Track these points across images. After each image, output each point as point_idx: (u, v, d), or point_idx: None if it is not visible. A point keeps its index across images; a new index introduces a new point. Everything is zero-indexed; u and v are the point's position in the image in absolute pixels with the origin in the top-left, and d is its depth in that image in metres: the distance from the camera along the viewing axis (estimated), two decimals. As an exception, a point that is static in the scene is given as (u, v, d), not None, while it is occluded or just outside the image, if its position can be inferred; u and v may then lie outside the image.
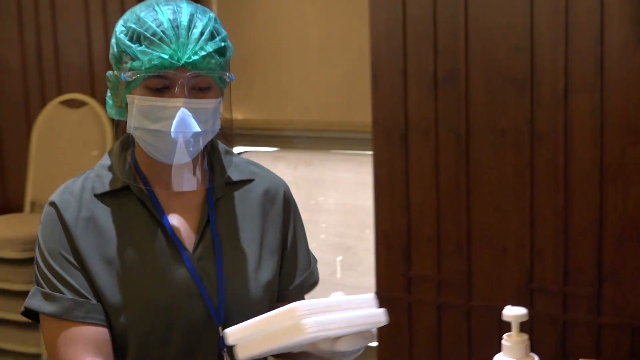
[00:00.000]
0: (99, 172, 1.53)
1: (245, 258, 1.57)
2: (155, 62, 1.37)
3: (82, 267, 1.46)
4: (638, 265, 2.82)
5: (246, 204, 1.60)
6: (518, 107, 2.94)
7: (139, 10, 1.44)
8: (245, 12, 3.77)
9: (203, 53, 1.40)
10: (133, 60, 1.39)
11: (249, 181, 1.61)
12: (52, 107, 3.91)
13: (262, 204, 1.62)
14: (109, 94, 1.52)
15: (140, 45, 1.39)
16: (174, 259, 1.50)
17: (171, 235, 1.50)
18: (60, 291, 1.44)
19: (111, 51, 1.47)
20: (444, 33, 3.04)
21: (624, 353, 2.84)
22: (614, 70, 2.79)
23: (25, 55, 4.06)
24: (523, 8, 2.89)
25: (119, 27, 1.44)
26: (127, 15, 1.46)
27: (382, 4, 3.11)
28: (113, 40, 1.46)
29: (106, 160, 1.56)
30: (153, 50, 1.38)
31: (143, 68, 1.38)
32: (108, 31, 3.74)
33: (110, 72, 1.48)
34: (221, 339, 1.49)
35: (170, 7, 1.43)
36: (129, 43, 1.40)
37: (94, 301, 1.45)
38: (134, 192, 1.50)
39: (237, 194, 1.60)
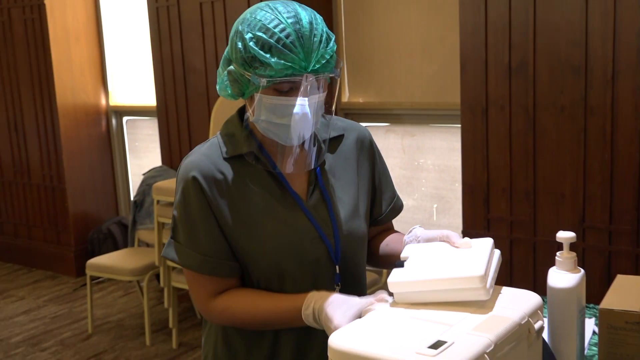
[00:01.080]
0: (224, 140, 1.42)
1: (349, 201, 1.49)
2: (287, 71, 1.28)
3: (217, 222, 1.38)
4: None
5: (342, 154, 1.51)
6: (574, 88, 2.91)
7: (261, 16, 1.30)
8: (365, 18, 3.76)
9: (324, 61, 1.31)
10: (264, 66, 1.28)
11: (341, 136, 1.52)
12: (223, 98, 4.01)
13: (354, 151, 1.54)
14: (223, 79, 1.38)
15: (272, 55, 1.27)
16: (294, 209, 1.41)
17: (290, 190, 1.42)
18: (189, 247, 1.39)
19: (236, 53, 1.32)
20: (516, 32, 3.01)
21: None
22: (652, 57, 2.75)
23: (206, 59, 4.08)
24: (579, 10, 2.84)
25: (247, 34, 1.29)
26: (250, 19, 1.32)
27: (469, 10, 3.08)
28: (240, 44, 1.31)
29: (227, 129, 1.45)
30: (284, 60, 1.27)
31: (276, 75, 1.27)
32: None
33: (232, 68, 1.34)
34: (336, 275, 1.44)
35: (289, 12, 1.30)
36: (261, 52, 1.27)
37: (217, 260, 1.39)
38: (257, 157, 1.40)
39: (334, 148, 1.50)
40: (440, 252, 1.32)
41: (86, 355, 3.75)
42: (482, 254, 1.25)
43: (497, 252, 1.30)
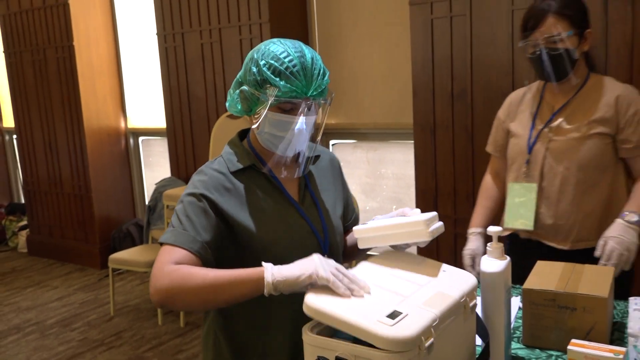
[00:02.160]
0: (228, 157, 1.40)
1: (331, 204, 1.50)
2: (291, 94, 1.29)
3: (221, 214, 1.32)
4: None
5: (321, 168, 1.53)
6: None
7: (273, 48, 1.32)
8: (336, 53, 3.76)
9: (320, 89, 1.33)
10: (273, 88, 1.29)
11: (318, 156, 1.53)
12: (222, 120, 3.93)
13: (329, 169, 1.56)
14: (234, 97, 1.39)
15: (281, 79, 1.28)
16: (291, 209, 1.41)
17: (286, 194, 1.41)
18: (185, 229, 1.28)
19: (251, 76, 1.33)
20: (457, 66, 3.02)
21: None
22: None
23: (206, 89, 4.10)
24: (506, 48, 2.86)
25: (262, 61, 1.31)
26: (264, 50, 1.33)
27: (419, 48, 3.09)
28: (255, 69, 1.32)
29: (227, 148, 1.43)
30: (290, 84, 1.29)
31: (282, 96, 1.29)
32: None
33: (245, 88, 1.34)
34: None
35: (296, 48, 1.32)
36: (272, 76, 1.29)
37: (207, 242, 1.29)
38: (257, 168, 1.40)
39: (315, 165, 1.52)
40: (395, 218, 1.36)
41: (109, 334, 3.71)
42: (427, 214, 1.29)
43: (441, 223, 1.31)
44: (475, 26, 2.96)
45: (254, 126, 1.37)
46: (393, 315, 1.01)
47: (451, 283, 1.17)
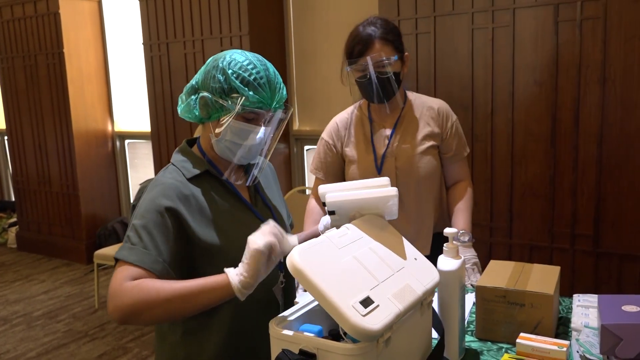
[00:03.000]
0: (182, 165, 1.31)
1: (279, 206, 1.48)
2: (258, 104, 1.25)
3: (182, 228, 1.22)
4: (532, 211, 2.83)
5: (264, 177, 1.49)
6: (464, 121, 2.89)
7: (239, 58, 1.27)
8: (311, 68, 3.75)
9: (282, 101, 1.30)
10: (240, 97, 1.24)
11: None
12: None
13: (270, 176, 1.53)
14: (191, 103, 1.30)
15: (249, 89, 1.23)
16: (247, 212, 1.36)
17: (242, 199, 1.36)
18: (144, 247, 1.17)
19: (216, 83, 1.25)
20: (422, 79, 3.01)
21: (537, 260, 2.92)
22: (520, 99, 2.79)
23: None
24: (467, 64, 2.89)
25: (229, 70, 1.25)
26: (229, 59, 1.27)
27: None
28: (221, 77, 1.25)
29: (179, 156, 1.34)
30: (257, 95, 1.24)
31: (249, 105, 1.24)
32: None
33: (207, 95, 1.26)
34: (280, 264, 1.34)
35: (260, 60, 1.29)
36: (241, 85, 1.24)
37: (168, 263, 1.19)
38: (211, 174, 1.32)
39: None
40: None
41: (93, 326, 3.64)
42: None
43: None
44: (438, 43, 2.98)
45: (217, 130, 1.27)
46: (366, 302, 0.97)
47: (419, 276, 1.14)
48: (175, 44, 4.10)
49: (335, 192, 1.23)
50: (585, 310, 1.43)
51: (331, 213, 1.24)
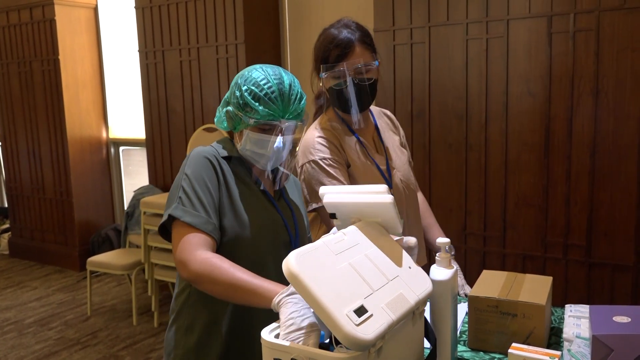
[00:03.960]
0: (217, 146, 1.42)
1: (299, 207, 1.53)
2: (269, 117, 1.33)
3: (219, 182, 1.34)
4: (526, 220, 2.84)
5: (290, 188, 1.53)
6: (459, 130, 2.95)
7: (255, 75, 1.36)
8: (307, 73, 3.86)
9: (297, 112, 1.36)
10: (253, 111, 1.33)
11: (288, 175, 1.51)
12: (198, 132, 3.94)
13: (295, 189, 1.56)
14: (222, 115, 1.42)
15: (260, 104, 1.32)
16: (268, 204, 1.42)
17: (267, 192, 1.43)
18: (197, 209, 1.29)
19: (235, 99, 1.37)
20: (417, 88, 3.05)
21: (512, 268, 2.92)
22: (514, 109, 2.81)
23: (184, 103, 4.07)
24: (462, 74, 2.91)
25: (244, 87, 1.35)
26: (247, 76, 1.37)
27: (382, 71, 2.98)
28: (238, 93, 1.36)
29: (221, 143, 1.44)
30: (267, 109, 1.32)
31: (260, 119, 1.32)
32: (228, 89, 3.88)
33: (230, 109, 1.38)
34: None
35: (276, 75, 1.36)
36: (252, 100, 1.33)
37: (216, 223, 1.31)
38: (243, 163, 1.42)
39: (286, 183, 1.51)
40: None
41: (85, 333, 3.62)
42: None
43: None
44: (433, 53, 3.00)
45: (238, 142, 1.41)
46: (360, 311, 0.97)
47: (412, 285, 1.14)
48: (171, 52, 4.11)
49: (332, 194, 1.23)
50: (577, 321, 1.43)
51: (332, 216, 1.26)
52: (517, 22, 2.76)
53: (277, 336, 1.04)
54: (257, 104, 1.33)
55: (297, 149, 1.46)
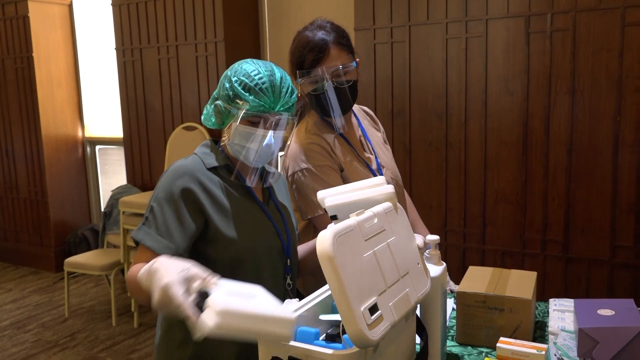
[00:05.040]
0: (203, 155, 1.35)
1: (287, 207, 1.49)
2: (260, 108, 1.28)
3: (198, 209, 1.27)
4: (504, 217, 2.89)
5: (277, 186, 1.50)
6: (438, 129, 2.99)
7: (246, 67, 1.32)
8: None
9: (287, 106, 1.32)
10: (243, 102, 1.28)
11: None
12: (178, 131, 3.91)
13: (283, 187, 1.53)
14: (209, 111, 1.38)
15: (250, 94, 1.28)
16: (259, 211, 1.37)
17: (256, 198, 1.38)
18: (160, 233, 1.24)
19: (224, 91, 1.32)
20: (397, 87, 3.07)
21: (492, 263, 2.96)
22: (492, 108, 2.86)
23: (163, 101, 4.04)
24: (442, 73, 2.94)
25: (234, 78, 1.31)
26: (237, 68, 1.33)
27: (362, 69, 3.09)
28: (227, 84, 1.31)
29: (203, 149, 1.38)
30: (258, 99, 1.28)
31: (251, 110, 1.28)
32: (209, 87, 3.81)
33: (219, 103, 1.33)
34: (287, 267, 1.40)
35: (267, 67, 1.32)
36: (242, 91, 1.28)
37: (181, 246, 1.24)
38: (230, 169, 1.35)
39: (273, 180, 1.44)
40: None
41: (63, 335, 3.55)
42: None
43: None
44: (413, 52, 3.02)
45: (224, 138, 1.36)
46: (373, 310, 0.96)
47: (416, 285, 1.13)
48: (149, 50, 4.06)
49: (333, 196, 1.19)
50: (562, 315, 1.46)
51: (333, 218, 1.21)
52: (496, 22, 2.81)
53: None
54: (247, 94, 1.28)
55: (285, 151, 1.40)
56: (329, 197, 1.20)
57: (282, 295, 1.37)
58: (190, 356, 1.32)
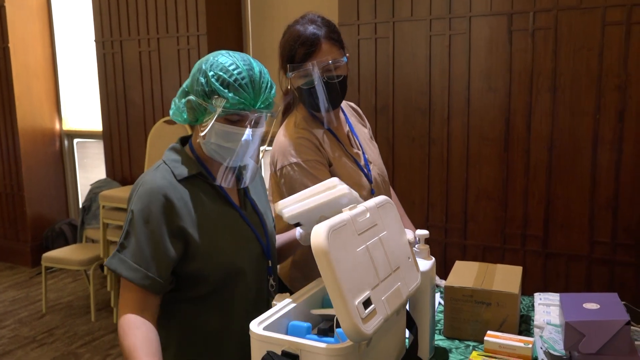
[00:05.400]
0: (173, 164, 1.27)
1: (264, 210, 1.43)
2: (239, 106, 1.21)
3: (175, 229, 1.21)
4: (485, 213, 2.92)
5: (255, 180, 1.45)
6: (422, 125, 3.00)
7: (222, 60, 1.24)
8: (269, 66, 3.83)
9: (268, 102, 1.25)
10: (221, 99, 1.21)
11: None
12: (159, 125, 3.85)
13: (258, 179, 1.48)
14: (180, 106, 1.28)
15: (229, 91, 1.20)
16: (236, 217, 1.32)
17: (232, 202, 1.32)
18: (136, 260, 1.19)
19: (199, 86, 1.23)
20: (381, 83, 3.07)
21: (472, 258, 3.00)
22: (475, 104, 2.88)
23: (144, 94, 3.98)
24: (425, 69, 2.94)
25: (210, 72, 1.22)
26: (213, 61, 1.24)
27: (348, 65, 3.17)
28: (203, 79, 1.23)
29: (172, 155, 1.30)
30: (238, 96, 1.21)
31: (230, 108, 1.21)
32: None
33: (192, 98, 1.24)
34: (269, 268, 1.36)
35: (245, 60, 1.26)
36: (220, 87, 1.20)
37: (155, 277, 1.19)
38: (202, 176, 1.29)
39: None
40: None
41: (41, 331, 3.49)
42: None
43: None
44: (397, 48, 3.03)
45: (201, 134, 1.25)
46: (366, 304, 0.96)
47: (407, 279, 1.13)
48: (129, 42, 4.00)
49: (291, 206, 1.18)
50: (547, 309, 1.48)
51: (297, 225, 1.24)
52: (479, 19, 2.82)
53: (267, 328, 1.04)
54: (225, 90, 1.20)
55: (265, 146, 1.37)
56: (287, 208, 1.19)
57: (265, 297, 1.35)
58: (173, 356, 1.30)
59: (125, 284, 1.21)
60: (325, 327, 1.11)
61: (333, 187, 1.15)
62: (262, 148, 1.40)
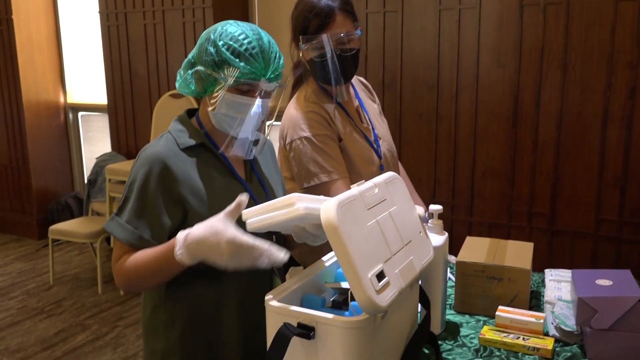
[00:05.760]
0: (177, 134, 1.26)
1: (274, 184, 1.41)
2: (251, 75, 1.19)
3: (174, 195, 1.19)
4: (492, 190, 2.92)
5: (263, 155, 1.42)
6: (429, 101, 2.97)
7: (231, 29, 1.22)
8: (276, 38, 3.79)
9: (277, 72, 1.23)
10: (232, 69, 1.19)
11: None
12: (164, 98, 3.84)
13: (269, 154, 1.46)
14: (187, 77, 1.27)
15: (240, 60, 1.18)
16: (240, 189, 1.28)
17: (236, 174, 1.29)
18: (131, 223, 1.18)
19: (208, 56, 1.21)
20: (388, 58, 3.04)
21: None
22: (484, 81, 2.86)
23: (149, 67, 3.96)
24: (434, 44, 2.91)
25: (220, 42, 1.20)
26: (221, 31, 1.22)
27: None
28: (212, 49, 1.20)
29: (177, 125, 1.29)
30: (249, 66, 1.18)
31: (241, 77, 1.18)
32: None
33: (201, 69, 1.22)
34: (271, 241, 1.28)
35: (253, 30, 1.23)
36: (231, 57, 1.18)
37: (150, 240, 1.18)
38: (207, 147, 1.27)
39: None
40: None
41: (48, 302, 3.52)
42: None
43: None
44: (406, 22, 2.98)
45: (209, 108, 1.23)
46: (380, 276, 0.96)
47: (419, 252, 1.13)
48: (134, 14, 3.95)
49: (253, 219, 1.08)
50: (558, 284, 1.48)
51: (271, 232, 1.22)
52: (490, -6, 2.78)
53: (282, 300, 1.03)
54: (237, 60, 1.18)
55: (273, 120, 1.33)
56: (250, 219, 1.09)
57: (269, 274, 1.31)
58: (177, 337, 1.27)
59: (120, 245, 1.21)
60: (340, 300, 1.11)
61: (291, 205, 1.04)
62: (269, 123, 1.37)
